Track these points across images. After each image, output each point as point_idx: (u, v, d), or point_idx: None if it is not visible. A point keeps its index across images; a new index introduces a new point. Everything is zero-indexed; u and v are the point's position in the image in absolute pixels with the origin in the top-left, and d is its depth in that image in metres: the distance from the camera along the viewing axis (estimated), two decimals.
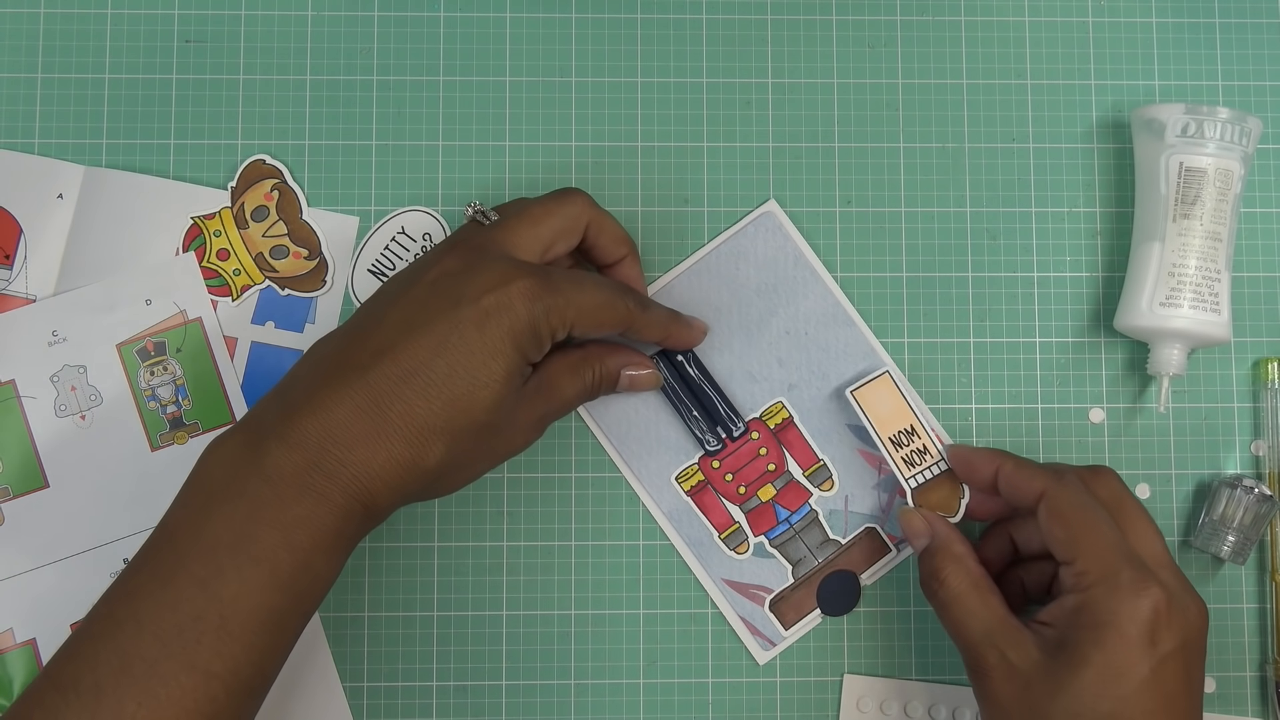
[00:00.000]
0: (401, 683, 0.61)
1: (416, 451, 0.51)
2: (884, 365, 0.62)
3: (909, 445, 0.59)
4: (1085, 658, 0.50)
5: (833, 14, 0.64)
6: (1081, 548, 0.52)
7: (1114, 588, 0.51)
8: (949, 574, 0.55)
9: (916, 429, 0.59)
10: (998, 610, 0.54)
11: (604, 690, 0.61)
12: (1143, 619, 0.50)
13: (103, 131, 0.63)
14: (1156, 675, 0.50)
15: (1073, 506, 0.53)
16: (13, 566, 0.60)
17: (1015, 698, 0.51)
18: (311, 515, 0.49)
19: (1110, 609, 0.50)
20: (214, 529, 0.49)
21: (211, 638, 0.47)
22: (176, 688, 0.47)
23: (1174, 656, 0.50)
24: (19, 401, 0.61)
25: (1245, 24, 0.64)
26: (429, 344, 0.51)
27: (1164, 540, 0.54)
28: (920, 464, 0.60)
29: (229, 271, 0.62)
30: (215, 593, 0.48)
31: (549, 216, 0.56)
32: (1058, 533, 0.53)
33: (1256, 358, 0.63)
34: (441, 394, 0.51)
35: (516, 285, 0.52)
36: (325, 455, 0.50)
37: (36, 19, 0.63)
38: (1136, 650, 0.50)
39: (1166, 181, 0.60)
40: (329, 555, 0.50)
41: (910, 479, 0.59)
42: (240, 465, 0.50)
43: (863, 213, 0.63)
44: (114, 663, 0.47)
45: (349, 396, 0.51)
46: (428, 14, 0.64)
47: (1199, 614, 0.52)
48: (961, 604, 0.54)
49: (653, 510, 0.61)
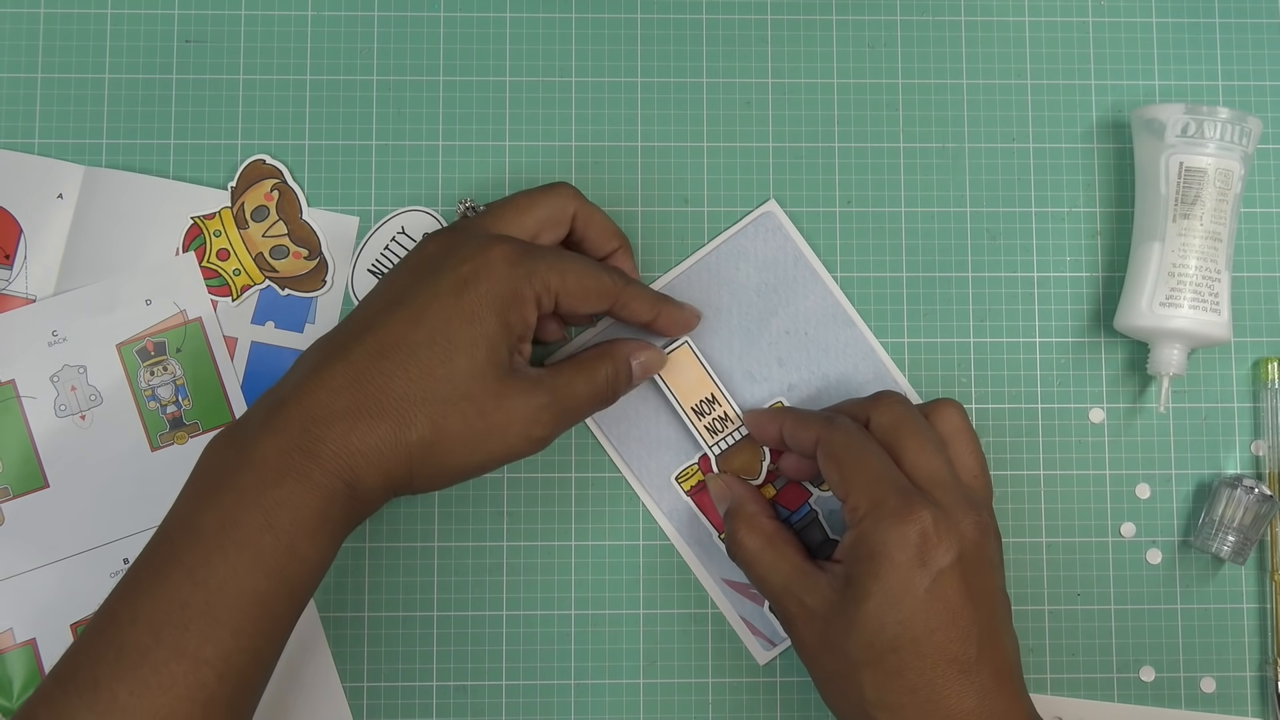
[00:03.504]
0: (401, 683, 0.61)
1: (396, 425, 0.51)
2: (885, 365, 0.62)
3: (711, 413, 0.61)
4: (866, 590, 0.51)
5: (833, 14, 0.64)
6: (851, 484, 0.53)
7: (880, 517, 0.51)
8: (743, 534, 0.56)
9: (717, 397, 0.61)
10: (793, 559, 0.55)
11: (604, 690, 0.61)
12: (910, 542, 0.51)
13: (103, 131, 0.63)
14: (933, 593, 0.50)
15: (842, 446, 0.54)
16: (13, 566, 0.60)
17: (818, 638, 0.53)
18: (292, 496, 0.49)
19: (879, 538, 0.51)
20: (203, 520, 0.49)
21: (199, 624, 0.48)
22: (167, 675, 0.47)
23: (949, 571, 0.51)
24: (19, 401, 0.61)
25: (1245, 24, 0.64)
26: (408, 316, 0.52)
27: (943, 457, 0.54)
28: (723, 431, 0.61)
29: (229, 271, 0.62)
30: (202, 580, 0.48)
31: (535, 205, 0.57)
32: (831, 474, 0.54)
33: (1256, 358, 0.63)
34: (419, 362, 0.51)
35: (495, 250, 0.53)
36: (305, 435, 0.50)
37: (36, 19, 0.63)
38: (908, 572, 0.51)
39: (1166, 181, 0.60)
40: (313, 538, 0.50)
41: (714, 445, 0.61)
42: (229, 457, 0.51)
43: (863, 213, 0.63)
44: (109, 655, 0.48)
45: (330, 377, 0.51)
46: (428, 14, 0.64)
47: (974, 526, 0.52)
48: (760, 561, 0.56)
49: (653, 510, 0.61)
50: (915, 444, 0.54)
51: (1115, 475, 0.62)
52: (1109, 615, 0.61)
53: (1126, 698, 0.61)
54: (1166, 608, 0.62)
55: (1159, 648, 0.61)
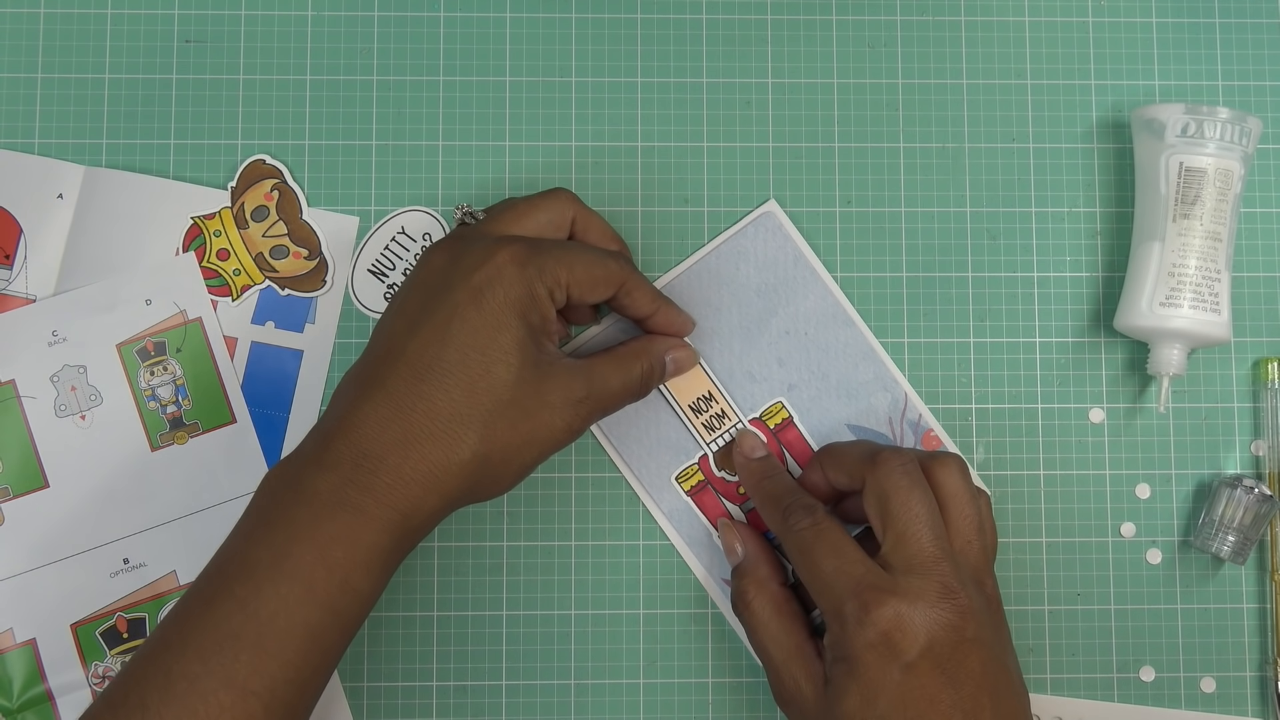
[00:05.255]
0: (401, 683, 0.61)
1: (447, 447, 0.51)
2: (885, 365, 0.62)
3: (708, 410, 0.61)
4: (844, 688, 0.51)
5: (833, 14, 0.64)
6: (811, 587, 0.54)
7: (843, 623, 0.52)
8: (753, 598, 0.57)
9: (714, 395, 0.61)
10: (797, 636, 0.55)
11: (604, 690, 0.61)
12: (874, 643, 0.51)
13: (103, 131, 0.63)
14: (906, 685, 0.50)
15: (795, 550, 0.55)
16: (13, 566, 0.60)
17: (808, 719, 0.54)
18: (347, 531, 0.50)
19: (845, 642, 0.52)
20: (256, 553, 0.50)
21: (249, 655, 0.48)
22: (215, 704, 0.47)
23: (920, 662, 0.51)
24: (19, 401, 0.61)
25: (1245, 24, 0.64)
26: (434, 336, 0.52)
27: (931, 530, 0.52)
28: (720, 428, 0.61)
29: (229, 271, 0.62)
30: (254, 611, 0.48)
31: (534, 210, 0.57)
32: (803, 577, 0.54)
33: (1256, 358, 0.63)
34: (459, 381, 0.51)
35: (503, 254, 0.53)
36: (358, 470, 0.50)
37: (36, 19, 0.63)
38: (879, 670, 0.51)
39: (1166, 181, 0.60)
40: (367, 571, 0.50)
41: (711, 443, 0.61)
42: (281, 493, 0.51)
43: (863, 213, 0.63)
44: (158, 681, 0.48)
45: (373, 410, 0.51)
46: (428, 14, 0.64)
47: (950, 610, 0.51)
48: (766, 629, 0.56)
49: (653, 510, 0.61)
50: (902, 520, 0.53)
51: (1115, 475, 0.62)
52: (1109, 615, 0.61)
53: (1126, 698, 0.61)
54: (1166, 608, 0.62)
55: (1159, 648, 0.61)
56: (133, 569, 0.60)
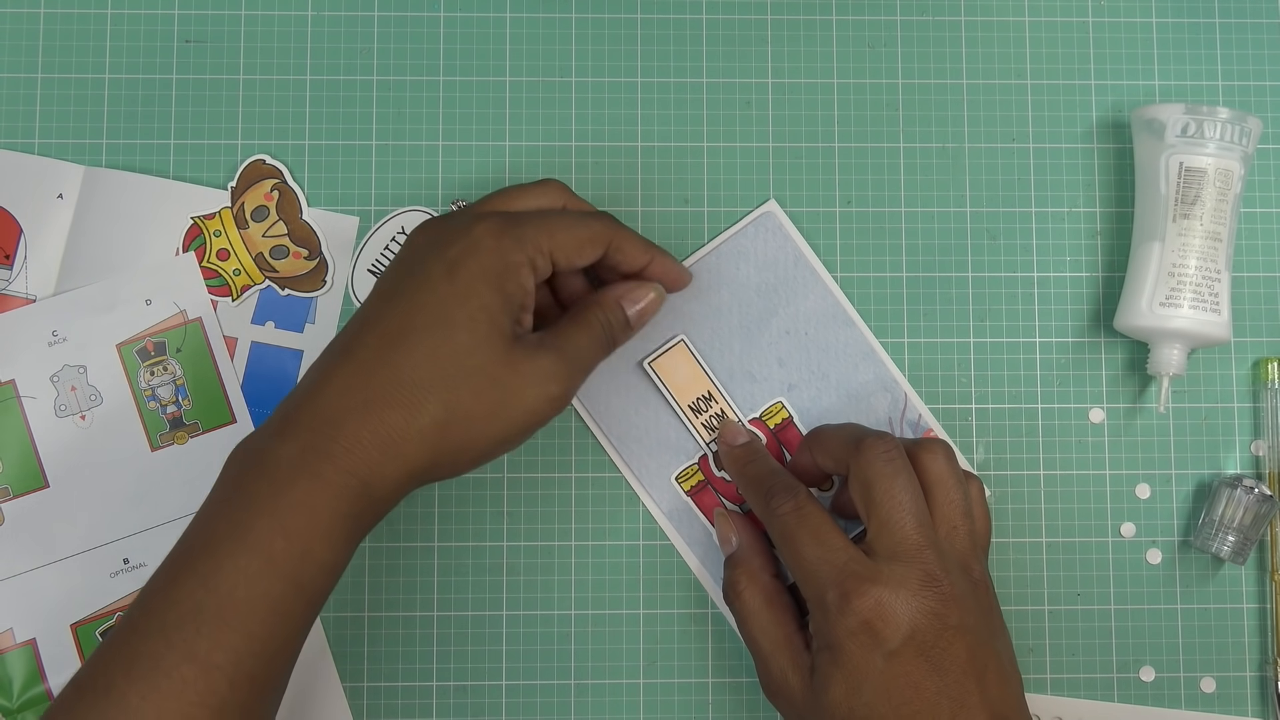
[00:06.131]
0: (401, 683, 0.61)
1: (407, 412, 0.50)
2: (885, 365, 0.62)
3: (708, 410, 0.61)
4: (829, 676, 0.52)
5: (833, 14, 0.64)
6: (795, 574, 0.54)
7: (825, 611, 0.52)
8: (744, 588, 0.57)
9: (714, 394, 0.61)
10: (787, 627, 0.55)
11: (604, 690, 0.61)
12: (856, 631, 0.51)
13: (103, 131, 0.63)
14: (890, 672, 0.51)
15: (779, 536, 0.55)
16: (13, 566, 0.60)
17: (796, 710, 0.54)
18: (305, 498, 0.49)
19: (828, 631, 0.52)
20: (217, 526, 0.49)
21: (210, 629, 0.48)
22: (179, 680, 0.47)
23: (903, 650, 0.51)
24: (19, 401, 0.61)
25: (1245, 24, 0.64)
26: (406, 306, 0.52)
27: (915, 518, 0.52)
28: (720, 428, 0.61)
29: (229, 271, 0.62)
30: (214, 586, 0.48)
31: (524, 196, 0.57)
32: (787, 563, 0.55)
33: (1256, 358, 0.63)
34: (422, 347, 0.51)
35: (479, 228, 0.53)
36: (317, 435, 0.50)
37: (36, 19, 0.63)
38: (862, 659, 0.51)
39: (1166, 181, 0.60)
40: (328, 540, 0.50)
41: (710, 442, 0.61)
42: (244, 467, 0.51)
43: (863, 213, 0.63)
44: (124, 659, 0.48)
45: (338, 377, 0.51)
46: (428, 14, 0.64)
47: (932, 598, 0.51)
48: (756, 619, 0.56)
49: (653, 510, 0.61)
50: (886, 508, 0.53)
51: (1115, 475, 0.62)
52: (1109, 615, 0.61)
53: (1126, 698, 0.61)
54: (1166, 608, 0.62)
55: (1159, 648, 0.61)
56: (133, 569, 0.60)
